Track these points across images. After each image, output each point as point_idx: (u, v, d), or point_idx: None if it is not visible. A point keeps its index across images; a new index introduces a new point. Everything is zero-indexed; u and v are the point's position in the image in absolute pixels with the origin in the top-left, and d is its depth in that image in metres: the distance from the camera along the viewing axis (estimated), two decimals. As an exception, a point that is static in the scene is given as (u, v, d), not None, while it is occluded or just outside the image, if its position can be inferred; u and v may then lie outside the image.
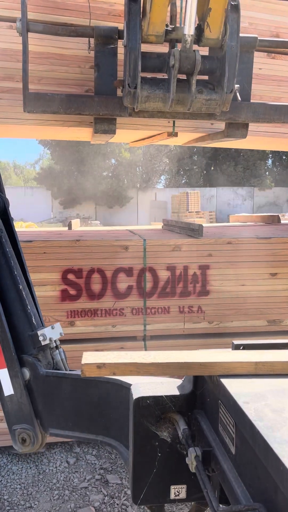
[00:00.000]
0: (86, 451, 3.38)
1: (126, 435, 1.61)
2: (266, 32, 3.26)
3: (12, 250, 2.00)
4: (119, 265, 3.25)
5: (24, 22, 2.59)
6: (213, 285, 3.39)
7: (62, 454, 3.35)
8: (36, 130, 3.49)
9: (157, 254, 3.30)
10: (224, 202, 28.98)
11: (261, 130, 3.36)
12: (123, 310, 3.30)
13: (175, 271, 3.33)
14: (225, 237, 3.44)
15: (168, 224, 4.51)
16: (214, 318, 3.42)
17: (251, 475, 1.06)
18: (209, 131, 3.37)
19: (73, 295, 3.22)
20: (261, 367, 1.29)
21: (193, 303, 3.38)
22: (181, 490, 1.52)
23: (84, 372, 1.39)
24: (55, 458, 3.30)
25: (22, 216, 19.88)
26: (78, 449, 3.39)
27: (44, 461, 3.27)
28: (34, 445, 1.90)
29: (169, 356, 1.40)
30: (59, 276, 3.17)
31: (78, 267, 3.19)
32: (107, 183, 27.72)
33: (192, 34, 2.36)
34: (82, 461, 3.27)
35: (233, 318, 3.44)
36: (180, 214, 22.16)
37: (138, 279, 3.28)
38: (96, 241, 3.25)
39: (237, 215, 6.23)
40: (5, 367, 1.88)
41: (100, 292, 3.25)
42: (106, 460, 3.28)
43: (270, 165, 32.72)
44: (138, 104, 2.57)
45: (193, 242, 3.36)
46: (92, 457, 3.31)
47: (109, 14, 2.97)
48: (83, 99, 2.77)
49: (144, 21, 2.44)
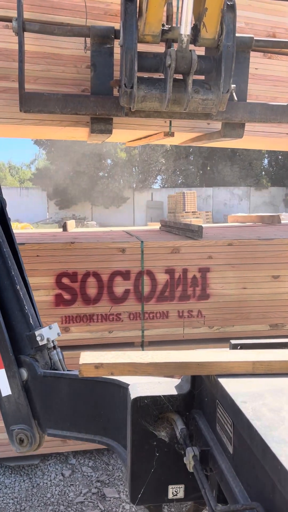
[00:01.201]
0: (82, 462, 3.26)
1: (124, 435, 1.61)
2: (262, 32, 3.26)
3: (9, 251, 2.00)
4: (116, 268, 3.17)
5: (20, 21, 2.58)
6: (214, 288, 3.31)
7: (57, 465, 3.22)
8: (32, 130, 3.48)
9: (155, 257, 3.22)
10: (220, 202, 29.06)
11: (258, 130, 3.36)
12: (120, 315, 3.21)
13: (174, 274, 3.25)
14: (225, 239, 3.36)
15: (166, 225, 4.43)
16: (215, 323, 3.34)
17: (249, 474, 1.07)
18: (205, 131, 3.37)
19: (68, 299, 3.12)
20: (259, 367, 1.30)
21: (192, 307, 3.30)
22: (179, 490, 1.52)
23: (81, 372, 1.39)
24: (50, 470, 3.17)
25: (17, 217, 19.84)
26: (74, 460, 3.28)
27: (38, 473, 3.13)
28: (32, 445, 1.90)
29: (167, 356, 1.40)
30: (53, 280, 3.07)
31: (73, 271, 3.10)
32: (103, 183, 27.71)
33: (188, 34, 2.36)
34: (78, 473, 3.15)
35: (234, 323, 3.36)
36: (177, 214, 22.19)
37: (135, 282, 3.20)
38: (92, 243, 3.16)
39: (236, 215, 6.14)
40: (3, 368, 1.88)
41: (96, 296, 3.15)
42: (103, 472, 3.16)
43: (266, 165, 32.81)
44: (135, 104, 2.57)
45: (192, 243, 3.28)
46: (89, 469, 3.19)
47: (106, 14, 2.96)
48: (80, 99, 2.76)
49: (141, 21, 2.44)
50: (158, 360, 1.37)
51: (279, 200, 30.07)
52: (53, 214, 27.45)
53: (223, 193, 29.36)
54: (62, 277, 3.10)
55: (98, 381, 1.73)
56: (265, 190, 30.09)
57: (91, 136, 3.27)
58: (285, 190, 30.59)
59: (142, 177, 30.49)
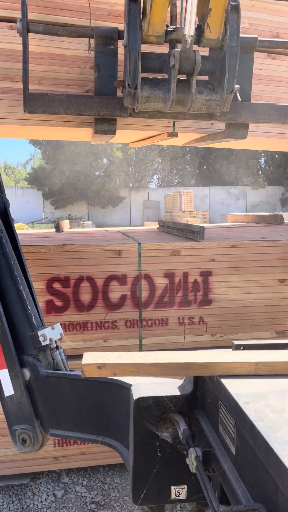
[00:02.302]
0: (75, 481, 3.02)
1: (127, 436, 1.61)
2: (266, 33, 3.26)
3: (12, 251, 2.01)
4: (111, 272, 2.98)
5: (25, 22, 2.59)
6: (216, 293, 3.13)
7: (49, 485, 2.98)
8: (36, 131, 3.49)
9: (153, 260, 3.03)
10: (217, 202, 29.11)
11: (261, 131, 3.35)
12: (116, 322, 3.01)
13: (173, 278, 3.06)
14: (228, 240, 3.16)
15: (164, 225, 4.20)
16: (218, 330, 3.15)
17: (251, 475, 1.06)
18: (209, 132, 3.36)
19: (60, 306, 2.92)
20: (262, 368, 1.30)
21: (194, 314, 3.11)
22: (181, 491, 1.52)
23: (84, 373, 1.39)
24: (41, 490, 2.93)
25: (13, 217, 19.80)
26: (67, 479, 3.04)
27: (28, 493, 2.89)
28: (35, 445, 1.90)
29: (170, 356, 1.40)
30: (43, 286, 2.87)
31: (65, 275, 2.90)
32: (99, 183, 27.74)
33: (192, 35, 2.36)
34: (71, 493, 2.91)
35: (238, 330, 3.17)
36: (173, 214, 22.19)
37: (132, 287, 3.01)
38: (85, 245, 2.94)
39: (235, 214, 5.96)
40: (6, 368, 1.88)
41: (90, 303, 2.96)
42: (98, 491, 2.91)
43: (263, 164, 32.81)
44: (138, 104, 2.57)
45: (193, 245, 3.09)
46: (83, 488, 2.95)
47: (109, 15, 2.97)
48: (83, 100, 2.77)
49: (144, 22, 2.44)
50: (161, 360, 1.37)
51: (276, 199, 30.10)
52: (48, 214, 27.46)
53: (220, 193, 29.41)
54: (53, 282, 2.90)
55: (101, 382, 1.73)
56: (262, 189, 30.11)
57: (94, 137, 3.28)
58: (281, 189, 30.65)
59: (139, 176, 30.49)
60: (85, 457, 3.06)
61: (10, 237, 2.06)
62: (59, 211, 27.87)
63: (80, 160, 27.10)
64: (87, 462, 3.10)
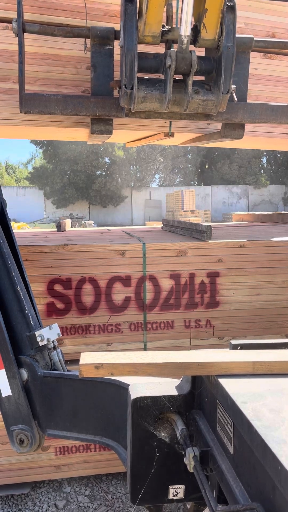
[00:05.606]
0: (77, 491, 2.93)
1: (124, 436, 1.61)
2: (262, 33, 3.26)
3: (9, 251, 2.01)
4: (115, 273, 2.89)
5: (20, 22, 2.59)
6: (224, 295, 3.02)
7: (50, 495, 2.89)
8: (32, 131, 3.48)
9: (158, 260, 2.93)
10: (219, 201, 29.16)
11: (258, 130, 3.35)
12: (119, 325, 2.93)
13: (179, 279, 2.96)
14: (237, 240, 3.05)
15: (168, 224, 4.07)
16: (225, 333, 3.04)
17: (249, 474, 1.07)
18: (205, 132, 3.37)
19: (61, 309, 2.83)
20: (259, 367, 1.30)
21: (200, 316, 3.01)
22: (179, 490, 1.52)
23: (82, 373, 1.39)
24: (42, 500, 2.83)
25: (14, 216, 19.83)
26: (69, 488, 2.95)
27: (29, 503, 2.79)
28: (32, 446, 1.90)
29: (167, 356, 1.40)
30: (44, 287, 2.78)
31: (67, 277, 2.82)
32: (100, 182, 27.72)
33: (188, 35, 2.36)
34: (73, 503, 2.80)
35: (247, 333, 3.06)
36: (175, 213, 22.23)
37: (136, 289, 2.92)
38: (87, 245, 2.85)
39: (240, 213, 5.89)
40: (3, 368, 1.88)
41: (93, 305, 2.87)
42: (101, 502, 2.81)
43: (265, 163, 32.89)
44: (135, 104, 2.57)
45: (200, 245, 2.97)
46: (85, 498, 2.85)
47: (105, 15, 2.96)
48: (80, 100, 2.77)
49: (140, 22, 2.44)
50: (158, 360, 1.37)
51: (278, 199, 30.15)
52: (50, 213, 27.45)
53: (222, 192, 29.45)
54: (54, 283, 2.81)
55: (98, 382, 1.73)
56: (264, 188, 30.15)
57: (91, 137, 3.27)
58: (284, 188, 30.69)
59: (140, 175, 30.49)
60: (87, 465, 2.93)
61: (7, 237, 2.06)
62: (60, 210, 27.88)
63: (81, 159, 27.08)
64: (90, 470, 2.97)
